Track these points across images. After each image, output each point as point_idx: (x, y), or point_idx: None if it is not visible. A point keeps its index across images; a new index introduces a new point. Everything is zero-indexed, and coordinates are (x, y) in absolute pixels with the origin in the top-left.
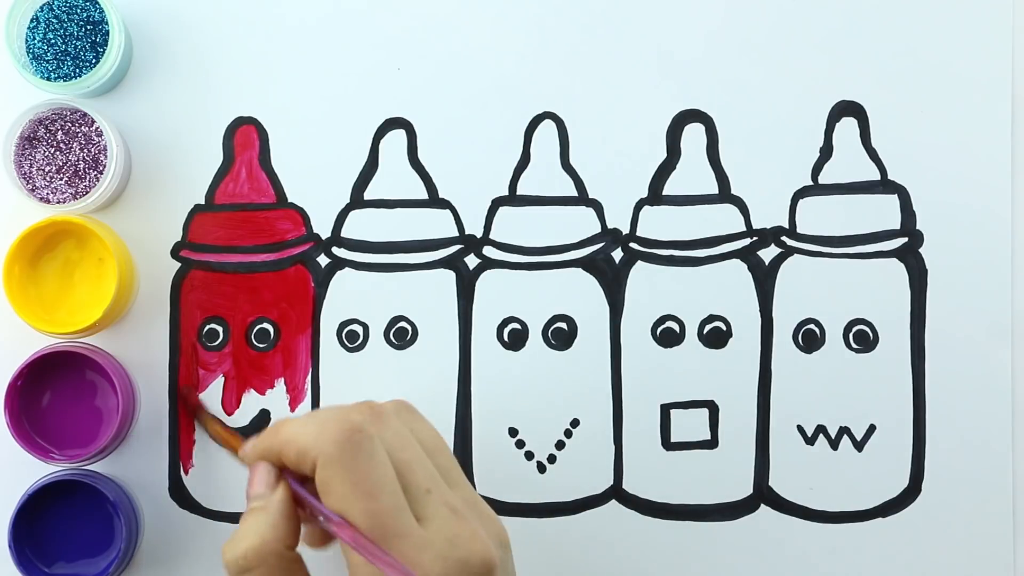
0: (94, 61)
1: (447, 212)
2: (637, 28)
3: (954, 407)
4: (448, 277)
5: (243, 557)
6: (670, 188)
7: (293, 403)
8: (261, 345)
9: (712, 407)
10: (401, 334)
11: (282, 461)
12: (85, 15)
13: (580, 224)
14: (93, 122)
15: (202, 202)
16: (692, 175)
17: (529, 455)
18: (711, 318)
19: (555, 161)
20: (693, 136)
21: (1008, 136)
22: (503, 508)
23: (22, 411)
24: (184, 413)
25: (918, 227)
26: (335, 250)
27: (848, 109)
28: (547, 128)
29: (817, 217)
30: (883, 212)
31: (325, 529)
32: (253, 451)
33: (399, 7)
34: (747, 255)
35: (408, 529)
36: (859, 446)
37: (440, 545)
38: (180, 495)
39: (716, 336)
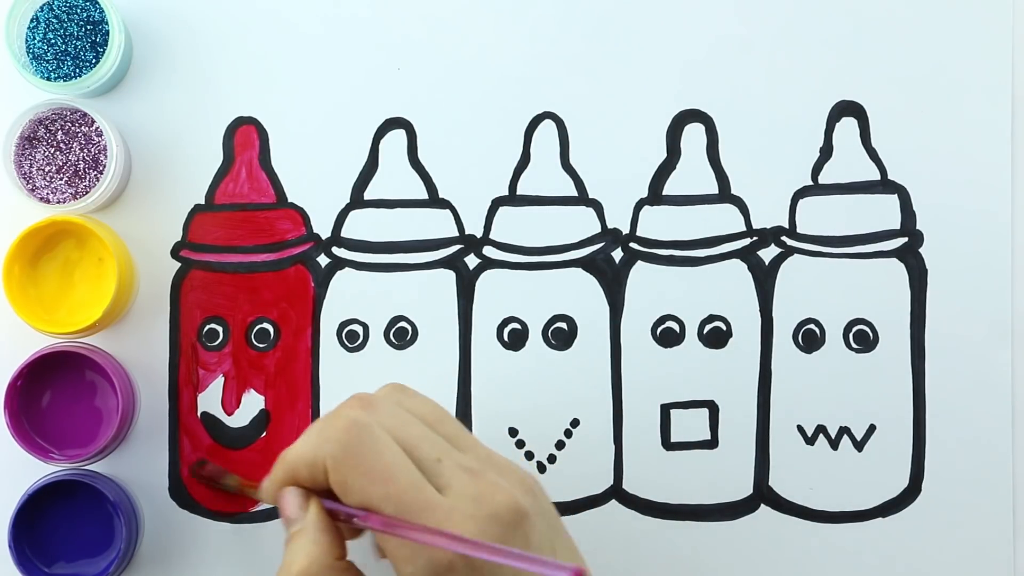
0: (94, 61)
1: (447, 212)
2: (637, 28)
3: (954, 407)
4: (448, 277)
5: None
6: (670, 188)
7: (293, 403)
8: (261, 345)
9: (712, 407)
10: (401, 334)
11: (300, 483)
12: (85, 15)
13: (580, 224)
14: (93, 122)
15: (202, 202)
16: (692, 175)
17: (529, 455)
18: (711, 318)
19: (555, 161)
20: (693, 136)
21: (1008, 136)
22: None
23: (22, 411)
24: (202, 482)
25: (918, 227)
26: (335, 250)
27: (848, 109)
28: (547, 128)
29: (817, 217)
30: (883, 212)
31: (358, 529)
32: (270, 485)
33: (399, 7)
34: (747, 255)
35: (431, 501)
36: (859, 446)
37: (466, 506)
38: (180, 495)
39: (716, 336)
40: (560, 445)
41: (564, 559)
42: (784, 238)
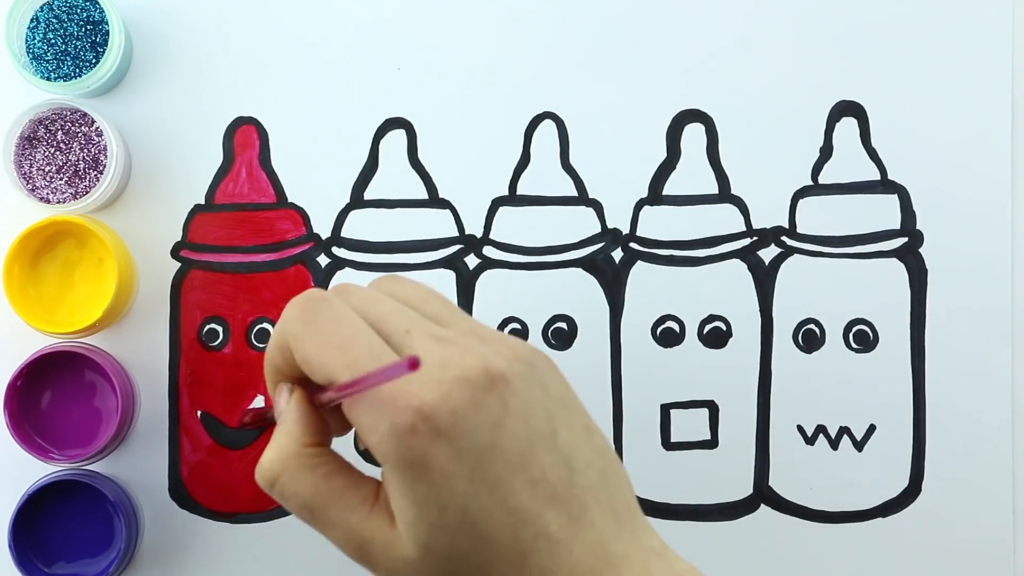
0: (94, 61)
1: (447, 212)
2: (637, 28)
3: (954, 407)
4: (448, 277)
5: (267, 470)
6: (670, 188)
7: None
8: (261, 345)
9: (712, 407)
10: None
11: (285, 371)
12: (85, 15)
13: (580, 224)
14: (93, 122)
15: (202, 202)
16: (692, 175)
17: None
18: (711, 318)
19: (555, 161)
20: (693, 136)
21: (1008, 136)
22: None
23: (22, 411)
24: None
25: (918, 227)
26: (335, 250)
27: (848, 109)
28: (547, 128)
29: (817, 217)
30: (883, 212)
31: (331, 405)
32: (268, 386)
33: (400, 8)
34: (747, 255)
35: None
36: (859, 446)
37: (430, 371)
38: (180, 495)
39: (716, 336)
40: None
41: (568, 436)
42: (784, 238)
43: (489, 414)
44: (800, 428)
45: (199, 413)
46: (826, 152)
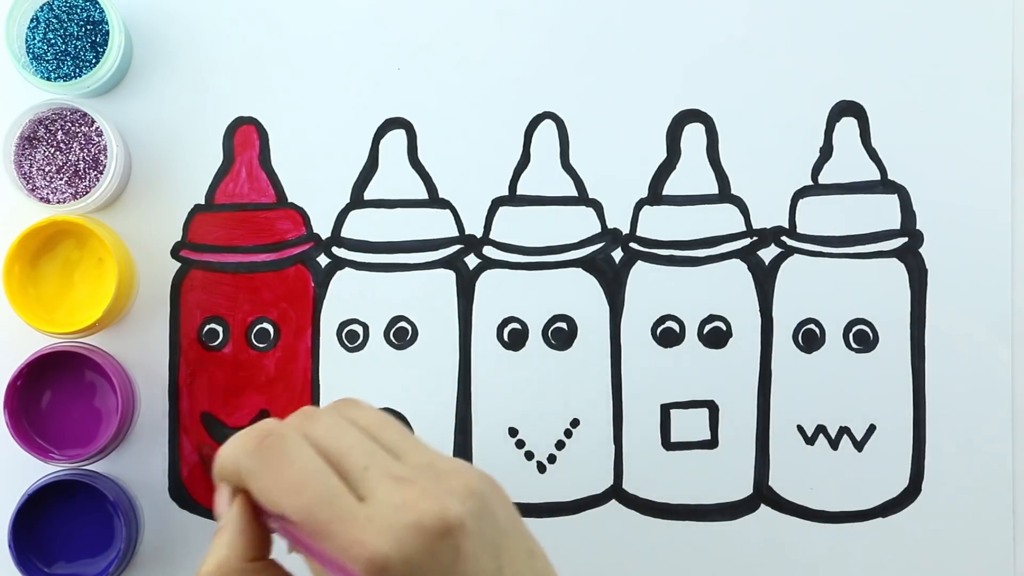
0: (94, 61)
1: (447, 212)
2: (637, 28)
3: (954, 407)
4: (448, 277)
5: None
6: (670, 188)
7: (293, 403)
8: (261, 345)
9: (712, 407)
10: (401, 334)
11: (232, 482)
12: (85, 15)
13: (580, 224)
14: (93, 122)
15: (202, 202)
16: (692, 175)
17: (529, 455)
18: (711, 318)
19: (555, 161)
20: (693, 136)
21: (1008, 136)
22: None
23: (22, 411)
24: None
25: (918, 227)
26: (335, 250)
27: (848, 109)
28: (547, 128)
29: (817, 217)
30: (883, 212)
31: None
32: (215, 477)
33: (400, 8)
34: (747, 255)
35: (347, 511)
36: (859, 446)
37: (385, 515)
38: (180, 495)
39: (716, 336)
40: (560, 445)
41: (512, 567)
42: (784, 238)
43: (441, 561)
44: (800, 428)
45: (199, 413)
46: (826, 152)
